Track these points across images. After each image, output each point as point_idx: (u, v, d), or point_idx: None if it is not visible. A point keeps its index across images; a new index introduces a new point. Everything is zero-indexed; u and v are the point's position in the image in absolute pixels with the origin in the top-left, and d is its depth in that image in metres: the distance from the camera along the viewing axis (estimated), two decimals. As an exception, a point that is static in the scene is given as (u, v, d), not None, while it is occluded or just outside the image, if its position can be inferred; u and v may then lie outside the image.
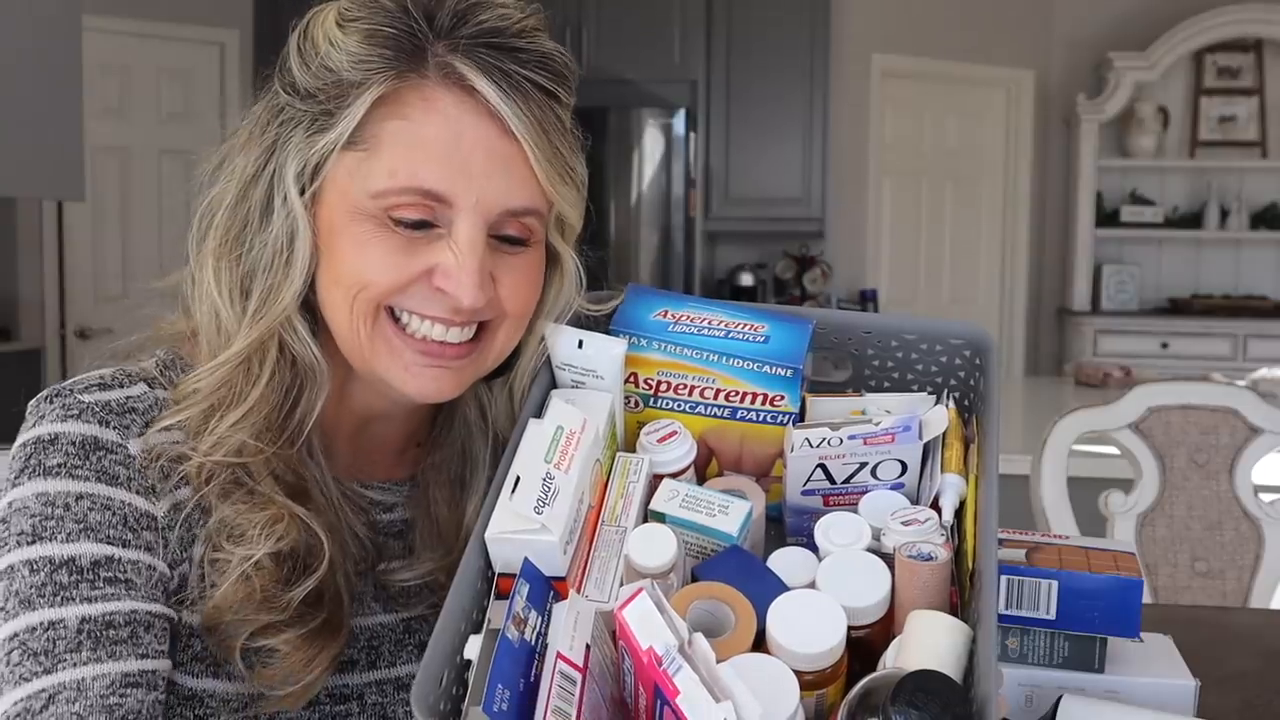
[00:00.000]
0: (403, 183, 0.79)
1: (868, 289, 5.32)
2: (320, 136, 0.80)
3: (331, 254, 0.82)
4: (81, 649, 0.75)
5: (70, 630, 0.75)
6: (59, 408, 0.81)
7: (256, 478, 0.82)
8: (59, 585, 0.76)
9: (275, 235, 0.82)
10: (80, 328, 4.42)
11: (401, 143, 0.79)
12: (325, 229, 0.82)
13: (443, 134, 0.79)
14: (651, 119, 4.62)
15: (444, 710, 0.67)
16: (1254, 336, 5.44)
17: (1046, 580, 0.88)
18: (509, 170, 0.81)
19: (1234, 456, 2.05)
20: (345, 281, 0.81)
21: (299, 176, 0.81)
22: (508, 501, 0.74)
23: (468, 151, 0.79)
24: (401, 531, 0.93)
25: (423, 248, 0.81)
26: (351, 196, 0.80)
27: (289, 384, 0.84)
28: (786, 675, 0.66)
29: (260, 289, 0.82)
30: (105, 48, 4.29)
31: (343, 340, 0.84)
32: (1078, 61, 5.74)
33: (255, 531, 0.81)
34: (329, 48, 0.80)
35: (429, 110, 0.79)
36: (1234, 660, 1.27)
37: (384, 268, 0.80)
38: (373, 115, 0.79)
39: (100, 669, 0.75)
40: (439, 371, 0.83)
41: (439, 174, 0.79)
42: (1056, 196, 5.83)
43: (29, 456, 0.80)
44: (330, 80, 0.80)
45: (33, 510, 0.78)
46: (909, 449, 0.82)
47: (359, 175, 0.80)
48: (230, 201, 0.84)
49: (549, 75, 0.83)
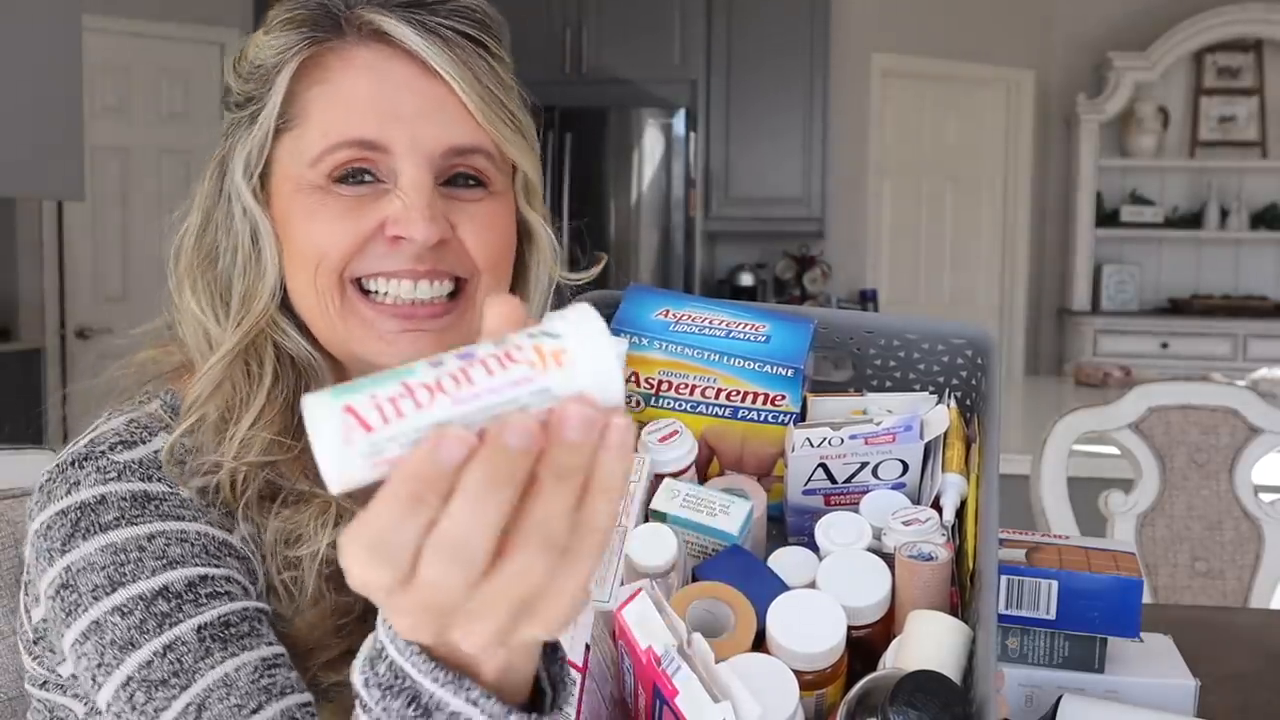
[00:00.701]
0: (334, 139, 0.80)
1: (868, 289, 5.32)
2: (255, 127, 0.82)
3: (288, 239, 0.83)
4: (212, 653, 0.72)
5: (192, 642, 0.72)
6: (94, 471, 0.78)
7: (290, 478, 0.81)
8: (161, 615, 0.73)
9: (241, 239, 0.83)
10: (80, 328, 4.42)
11: (328, 103, 0.80)
12: (280, 218, 0.83)
13: (366, 84, 0.80)
14: (651, 119, 4.62)
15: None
16: (1254, 336, 5.44)
17: (1046, 580, 0.88)
18: (442, 109, 0.81)
19: (1234, 456, 2.05)
20: (302, 258, 0.81)
21: (246, 172, 0.82)
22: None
23: (394, 95, 0.80)
24: None
25: (370, 205, 0.81)
26: (295, 175, 0.81)
27: (293, 383, 0.84)
28: (786, 675, 0.66)
29: (238, 293, 0.83)
30: (105, 48, 4.29)
31: (318, 328, 0.84)
32: (1078, 61, 5.74)
33: (310, 528, 0.80)
34: (255, 50, 0.83)
35: (348, 67, 0.81)
36: (1234, 660, 1.27)
37: (334, 232, 0.80)
38: (297, 89, 0.81)
39: (239, 660, 0.72)
40: (416, 335, 0.82)
41: (369, 121, 0.80)
42: (1056, 196, 5.83)
43: (77, 520, 0.76)
44: (259, 75, 0.82)
45: (102, 563, 0.74)
46: (910, 449, 0.82)
47: (296, 151, 0.81)
48: (197, 225, 0.85)
49: (469, 23, 0.83)
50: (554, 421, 0.42)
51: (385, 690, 0.50)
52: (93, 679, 0.73)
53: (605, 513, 0.44)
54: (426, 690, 0.49)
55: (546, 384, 0.42)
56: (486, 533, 0.42)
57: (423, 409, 0.41)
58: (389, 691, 0.50)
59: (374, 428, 0.41)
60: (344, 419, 0.40)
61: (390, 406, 0.41)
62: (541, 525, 0.43)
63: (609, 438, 0.43)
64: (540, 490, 0.43)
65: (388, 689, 0.50)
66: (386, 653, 0.50)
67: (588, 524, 0.44)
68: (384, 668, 0.50)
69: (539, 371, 0.42)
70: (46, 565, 0.76)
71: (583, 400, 0.42)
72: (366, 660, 0.51)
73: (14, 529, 1.01)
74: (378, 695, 0.50)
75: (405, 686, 0.50)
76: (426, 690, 0.49)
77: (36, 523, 0.78)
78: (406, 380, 0.41)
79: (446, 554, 0.42)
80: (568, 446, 0.42)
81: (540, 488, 0.43)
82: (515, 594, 0.43)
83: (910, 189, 5.56)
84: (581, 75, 4.78)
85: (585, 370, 0.42)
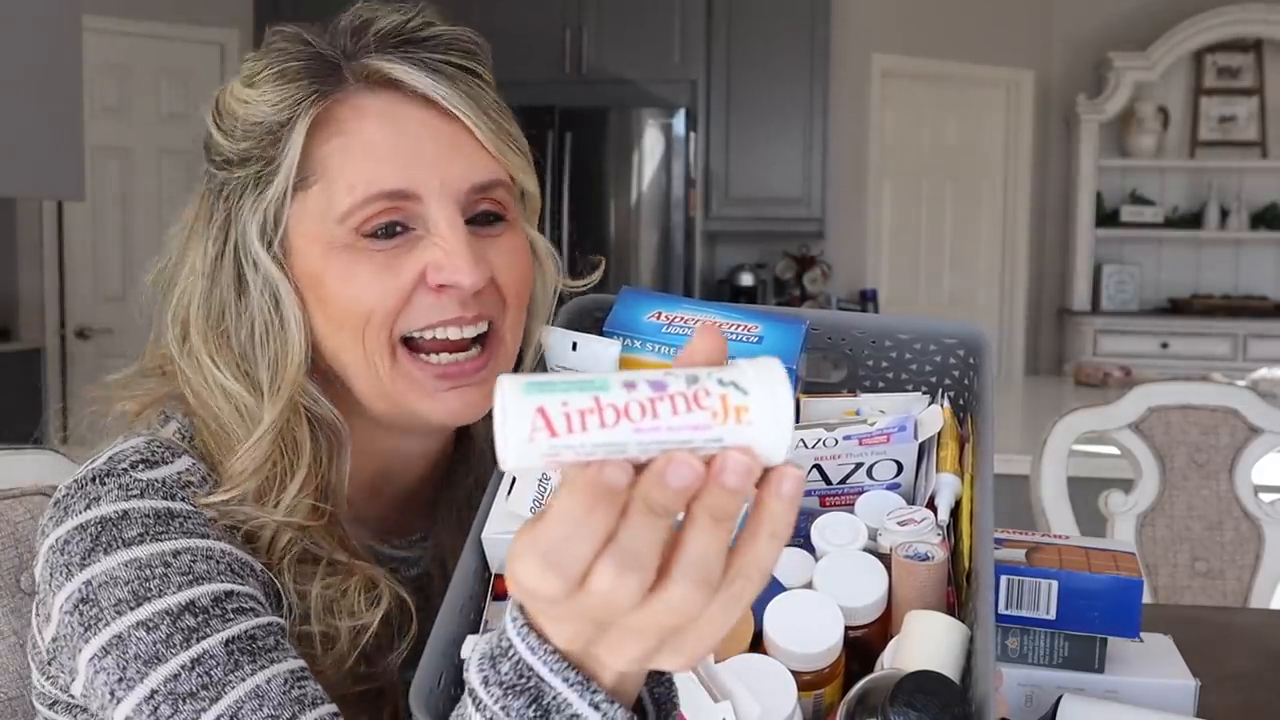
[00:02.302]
0: (363, 193, 0.78)
1: (868, 289, 5.32)
2: (269, 187, 0.79)
3: (320, 301, 0.80)
4: (241, 665, 0.71)
5: (220, 656, 0.71)
6: (115, 487, 0.77)
7: (328, 546, 0.81)
8: (188, 629, 0.72)
9: (258, 305, 0.80)
10: (80, 328, 4.42)
11: (349, 157, 0.79)
12: (305, 279, 0.81)
13: (385, 133, 0.79)
14: (651, 119, 4.62)
15: (442, 710, 0.67)
16: (1254, 336, 5.44)
17: (1046, 580, 0.88)
18: (459, 149, 0.81)
19: (1234, 456, 2.05)
20: (347, 320, 0.80)
21: (262, 234, 0.80)
22: (503, 502, 0.74)
23: (414, 141, 0.79)
24: (423, 586, 0.92)
25: (405, 256, 0.79)
26: (320, 234, 0.79)
27: (324, 447, 0.82)
28: (784, 675, 0.66)
29: (265, 362, 0.81)
30: (105, 48, 4.29)
31: (362, 383, 0.82)
32: (1078, 61, 5.74)
33: (358, 602, 0.79)
34: (246, 107, 0.80)
35: (363, 118, 0.79)
36: (1234, 660, 1.27)
37: (375, 289, 0.79)
38: (312, 144, 0.79)
39: (270, 672, 0.72)
40: (464, 390, 0.82)
41: (396, 171, 0.78)
42: (1056, 196, 5.82)
43: (97, 535, 0.75)
44: (260, 133, 0.79)
45: (125, 578, 0.73)
46: (904, 449, 0.82)
47: (320, 208, 0.79)
48: (201, 292, 0.82)
49: (462, 54, 0.82)
50: (715, 467, 0.45)
51: (507, 689, 0.51)
52: (110, 694, 0.72)
53: (769, 559, 0.47)
54: (551, 690, 0.51)
55: (721, 435, 0.45)
56: (656, 549, 0.45)
57: (605, 429, 0.44)
58: (511, 690, 0.51)
59: (558, 434, 0.43)
60: (534, 418, 0.43)
61: (578, 419, 0.43)
62: (700, 562, 0.45)
63: (783, 488, 0.46)
64: (696, 527, 0.45)
65: (510, 688, 0.51)
66: (514, 651, 0.51)
67: (752, 566, 0.47)
68: (508, 666, 0.51)
69: (719, 422, 0.44)
70: (64, 580, 0.75)
71: (747, 451, 0.45)
72: (486, 659, 0.52)
73: (14, 529, 1.01)
74: (498, 694, 0.51)
75: (529, 686, 0.51)
76: (551, 690, 0.51)
77: (52, 538, 0.76)
78: (599, 396, 0.44)
79: (621, 566, 0.45)
80: (725, 491, 0.44)
81: (697, 525, 0.45)
82: (670, 622, 0.46)
83: (910, 189, 5.55)
84: (581, 75, 4.78)
85: (762, 433, 0.45)
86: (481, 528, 0.74)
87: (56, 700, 0.82)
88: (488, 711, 0.52)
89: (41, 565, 0.77)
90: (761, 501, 0.47)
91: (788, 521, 0.47)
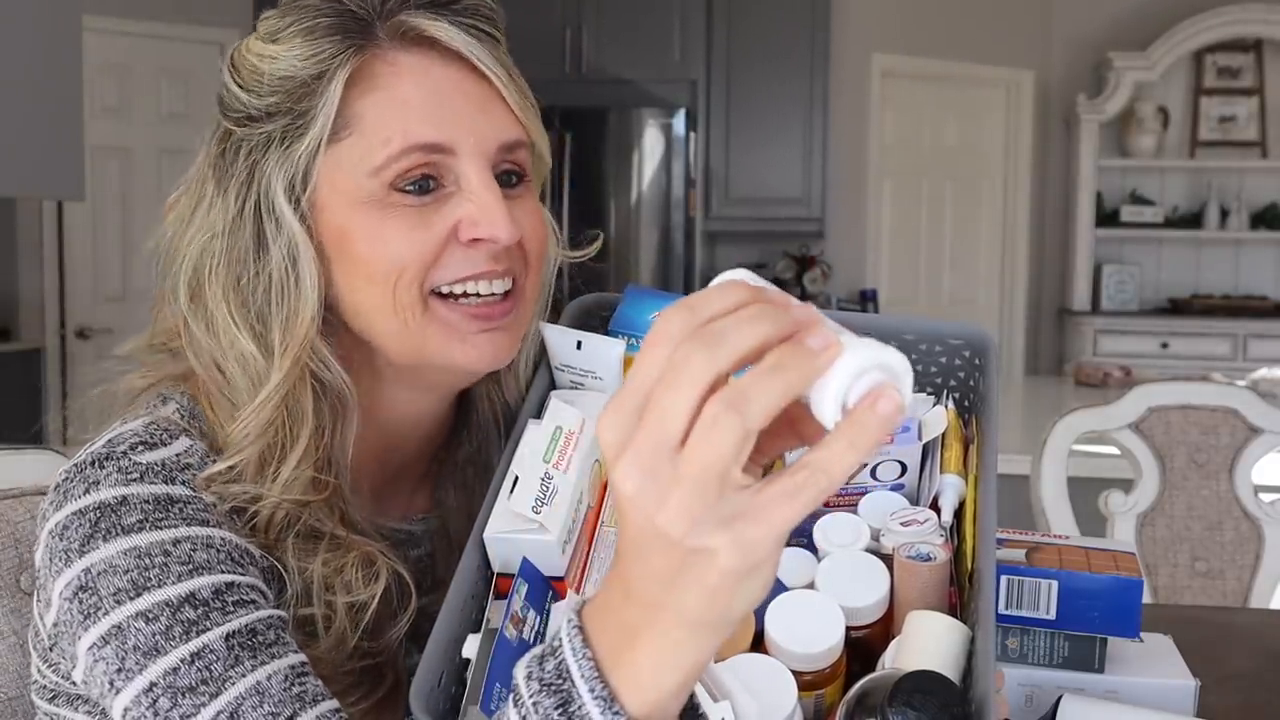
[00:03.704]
0: (400, 145, 0.78)
1: (868, 289, 5.32)
2: (300, 142, 0.79)
3: (348, 255, 0.80)
4: (241, 661, 0.71)
5: (220, 651, 0.71)
6: (115, 471, 0.76)
7: (329, 522, 0.80)
8: (188, 622, 0.71)
9: (276, 263, 0.80)
10: (80, 328, 4.42)
11: (386, 110, 0.79)
12: (330, 235, 0.80)
13: (421, 89, 0.80)
14: (651, 119, 4.62)
15: (442, 709, 0.67)
16: (1254, 336, 5.44)
17: (1046, 580, 0.88)
18: (490, 107, 0.82)
19: (1234, 456, 2.05)
20: (378, 275, 0.79)
21: (289, 190, 0.80)
22: (506, 501, 0.74)
23: (449, 98, 0.80)
24: (429, 566, 0.91)
25: (436, 212, 0.80)
26: (351, 188, 0.79)
27: (329, 416, 0.82)
28: (785, 675, 0.66)
29: (279, 320, 0.80)
30: (105, 48, 4.29)
31: (389, 338, 0.82)
32: (1078, 61, 5.74)
33: (356, 578, 0.79)
34: (273, 63, 0.80)
35: (399, 74, 0.80)
36: (1234, 660, 1.27)
37: (408, 243, 0.79)
38: (347, 98, 0.79)
39: (270, 668, 0.71)
40: (494, 334, 0.82)
41: (432, 126, 0.79)
42: (1056, 196, 5.82)
43: (96, 521, 0.74)
44: (290, 87, 0.79)
45: (125, 567, 0.73)
46: (908, 450, 0.82)
47: (351, 161, 0.79)
48: (220, 249, 0.81)
49: (486, 19, 0.83)
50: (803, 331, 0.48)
51: (544, 686, 0.53)
52: (110, 683, 0.72)
53: (840, 464, 0.48)
54: (579, 699, 0.52)
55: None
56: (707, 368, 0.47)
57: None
58: (547, 689, 0.53)
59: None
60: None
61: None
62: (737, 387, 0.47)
63: (879, 404, 0.48)
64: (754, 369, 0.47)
65: (546, 685, 0.53)
66: (561, 651, 0.53)
67: (820, 464, 0.48)
68: (551, 665, 0.53)
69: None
70: (63, 566, 0.75)
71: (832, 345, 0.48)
72: (535, 657, 0.54)
73: (14, 529, 1.01)
74: (535, 688, 0.53)
75: (563, 689, 0.52)
76: (579, 699, 0.52)
77: (51, 523, 0.76)
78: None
79: (680, 377, 0.47)
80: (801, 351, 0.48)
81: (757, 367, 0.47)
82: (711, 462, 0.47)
83: (910, 189, 5.55)
84: (581, 75, 4.78)
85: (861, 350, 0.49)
86: (484, 527, 0.74)
87: (58, 692, 0.81)
88: (523, 708, 0.53)
89: (41, 550, 0.77)
90: (854, 411, 0.48)
91: (872, 437, 0.47)
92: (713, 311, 0.49)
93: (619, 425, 0.48)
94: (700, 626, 0.51)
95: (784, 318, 0.48)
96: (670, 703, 0.53)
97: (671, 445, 0.47)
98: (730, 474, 0.47)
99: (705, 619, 0.50)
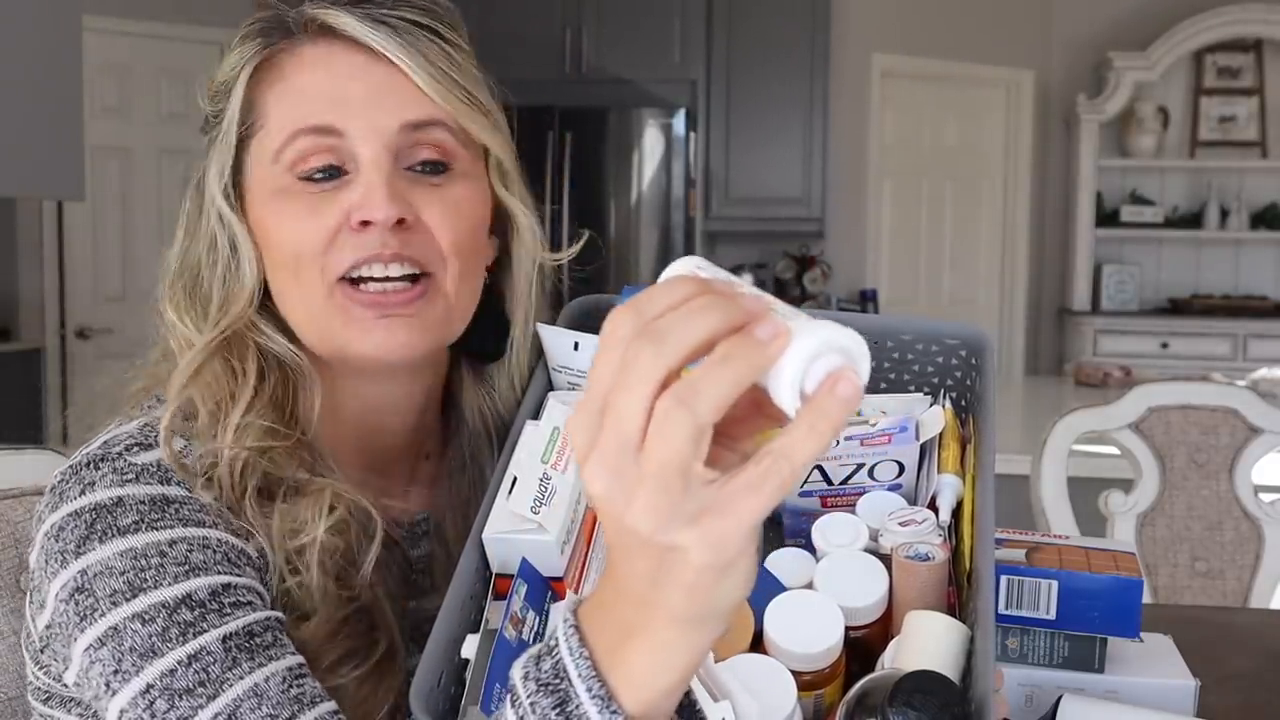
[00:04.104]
0: (289, 129, 0.81)
1: (868, 289, 5.32)
2: (223, 139, 0.83)
3: (266, 244, 0.83)
4: (239, 663, 0.71)
5: (218, 652, 0.71)
6: (110, 472, 0.76)
7: (288, 468, 0.80)
8: (184, 624, 0.72)
9: (222, 253, 0.84)
10: (80, 328, 4.42)
11: (284, 99, 0.82)
12: (256, 224, 0.84)
13: (317, 76, 0.82)
14: (651, 119, 4.62)
15: (442, 709, 0.67)
16: (1254, 336, 5.44)
17: (1046, 580, 0.88)
18: (392, 90, 0.82)
19: (1234, 456, 2.05)
20: (281, 259, 0.82)
21: (221, 184, 0.83)
22: (504, 502, 0.74)
23: (344, 82, 0.82)
24: (426, 567, 0.91)
25: (333, 198, 0.81)
26: (266, 179, 0.83)
27: (280, 379, 0.83)
28: (784, 675, 0.66)
29: (217, 301, 0.84)
30: (105, 48, 4.29)
31: (302, 327, 0.83)
32: (1078, 61, 5.74)
33: (308, 514, 0.79)
34: (216, 71, 0.86)
35: (300, 64, 0.83)
36: (1234, 660, 1.27)
37: (303, 228, 0.81)
38: (254, 93, 0.83)
39: (268, 670, 0.71)
40: (390, 321, 0.81)
41: (321, 108, 0.81)
42: (1056, 196, 5.82)
43: (92, 522, 0.74)
44: (220, 91, 0.85)
45: (121, 568, 0.73)
46: (906, 450, 0.82)
47: (261, 152, 0.83)
48: (181, 243, 0.86)
49: (415, 10, 0.84)
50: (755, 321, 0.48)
51: (541, 686, 0.53)
52: (106, 685, 0.72)
53: (802, 450, 0.47)
54: (576, 698, 0.52)
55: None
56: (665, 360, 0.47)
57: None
58: (544, 688, 0.53)
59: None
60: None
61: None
62: (687, 381, 0.47)
63: (838, 387, 0.47)
64: (707, 360, 0.47)
65: (543, 685, 0.53)
66: (557, 650, 0.53)
67: (783, 450, 0.47)
68: (548, 664, 0.53)
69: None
70: (59, 568, 0.75)
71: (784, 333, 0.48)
72: (532, 657, 0.54)
73: (14, 529, 1.01)
74: (533, 688, 0.53)
75: (560, 688, 0.52)
76: (576, 698, 0.52)
77: (47, 524, 0.76)
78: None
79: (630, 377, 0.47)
80: (750, 340, 0.47)
81: (709, 357, 0.47)
82: (668, 459, 0.46)
83: (910, 189, 5.55)
84: (581, 75, 4.78)
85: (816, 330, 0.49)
86: (482, 527, 0.74)
87: (51, 694, 0.81)
88: (521, 708, 0.53)
89: (37, 551, 0.77)
90: (812, 396, 0.48)
91: (832, 421, 0.47)
92: (658, 309, 0.48)
93: (584, 428, 0.48)
94: (687, 623, 0.51)
95: (732, 308, 0.48)
96: (666, 700, 0.53)
97: (632, 445, 0.47)
98: (691, 468, 0.47)
99: (690, 615, 0.50)
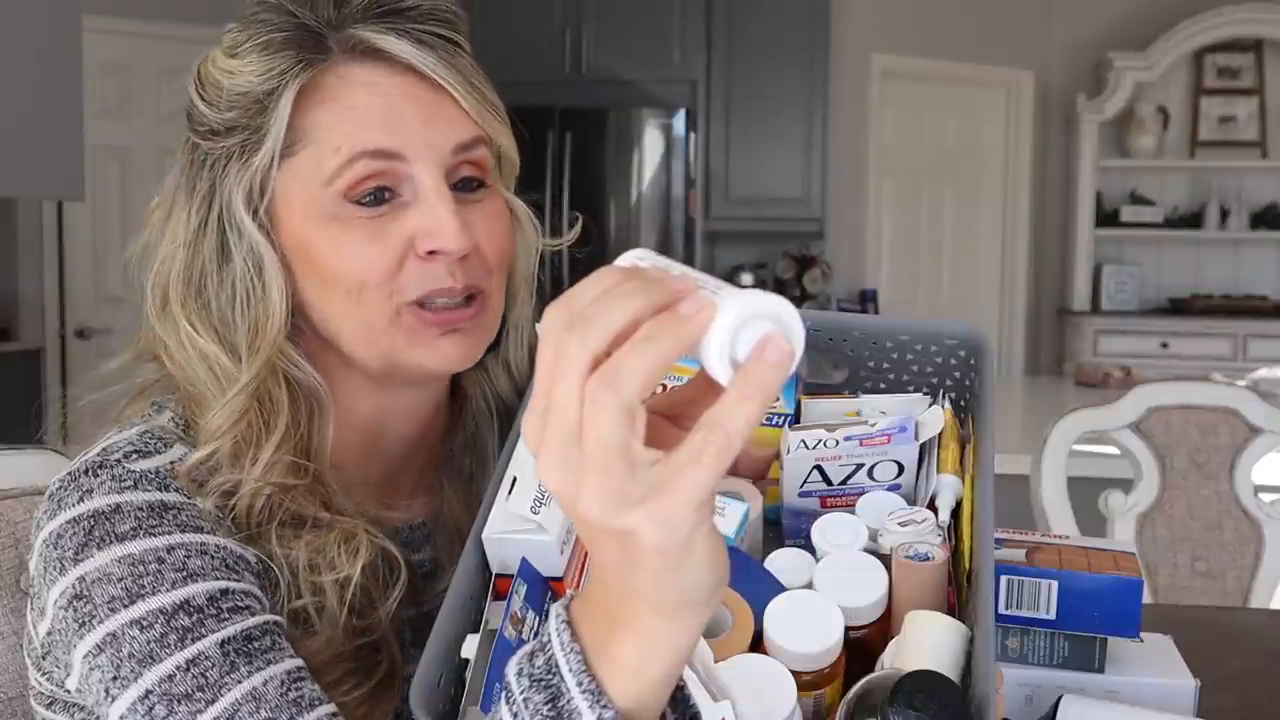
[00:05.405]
0: (349, 152, 0.79)
1: (868, 289, 5.32)
2: (255, 155, 0.80)
3: (311, 267, 0.81)
4: (237, 667, 0.71)
5: (216, 657, 0.71)
6: (108, 479, 0.76)
7: (311, 507, 0.80)
8: (182, 629, 0.72)
9: (240, 273, 0.81)
10: (80, 328, 4.42)
11: (336, 121, 0.80)
12: (292, 246, 0.81)
13: (370, 98, 0.80)
14: (651, 119, 4.62)
15: (442, 709, 0.67)
16: (1254, 336, 5.44)
17: (1046, 580, 0.88)
18: (441, 113, 0.82)
19: (1234, 456, 2.05)
20: (339, 286, 0.80)
21: (249, 202, 0.81)
22: (504, 502, 0.74)
23: (399, 106, 0.81)
24: (431, 573, 0.91)
25: (393, 223, 0.80)
26: (308, 201, 0.80)
27: (305, 411, 0.83)
28: (784, 675, 0.66)
29: (245, 327, 0.81)
30: (105, 48, 4.29)
31: (356, 343, 0.82)
32: (1078, 61, 5.74)
33: (338, 554, 0.79)
34: (231, 78, 0.81)
35: (350, 85, 0.81)
36: (1234, 660, 1.26)
37: (366, 254, 0.80)
38: (299, 112, 0.80)
39: (266, 674, 0.71)
40: (457, 336, 0.82)
41: (380, 132, 0.80)
42: (1056, 196, 5.82)
43: (90, 529, 0.74)
44: (246, 102, 0.81)
45: (118, 575, 0.73)
46: (905, 450, 0.82)
47: (307, 174, 0.80)
48: (182, 261, 0.83)
49: (443, 24, 0.84)
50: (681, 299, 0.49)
51: (534, 682, 0.53)
52: (105, 691, 0.72)
53: (737, 419, 0.47)
54: (568, 693, 0.52)
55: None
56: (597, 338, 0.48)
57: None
58: (537, 684, 0.53)
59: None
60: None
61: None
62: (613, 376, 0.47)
63: (766, 351, 0.48)
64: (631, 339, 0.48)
65: (537, 681, 0.53)
66: (550, 646, 0.53)
67: (716, 419, 0.47)
68: (541, 661, 0.54)
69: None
70: (57, 575, 0.75)
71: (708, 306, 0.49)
72: (526, 654, 0.55)
73: (14, 529, 1.01)
74: (526, 684, 0.54)
75: (552, 684, 0.53)
76: (568, 693, 0.52)
77: (46, 531, 0.76)
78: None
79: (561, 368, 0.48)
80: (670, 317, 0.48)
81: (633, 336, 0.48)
82: (603, 440, 0.47)
83: (910, 189, 5.55)
84: (581, 75, 4.78)
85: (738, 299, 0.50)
86: (482, 527, 0.74)
87: (54, 699, 0.81)
88: (515, 704, 0.53)
89: (36, 559, 0.77)
90: (743, 363, 0.48)
91: (763, 385, 0.47)
92: (584, 300, 0.49)
93: (534, 424, 0.49)
94: (664, 610, 0.51)
95: (656, 290, 0.49)
96: (657, 692, 0.53)
97: (574, 433, 0.47)
98: (630, 449, 0.47)
99: (664, 602, 0.50)
